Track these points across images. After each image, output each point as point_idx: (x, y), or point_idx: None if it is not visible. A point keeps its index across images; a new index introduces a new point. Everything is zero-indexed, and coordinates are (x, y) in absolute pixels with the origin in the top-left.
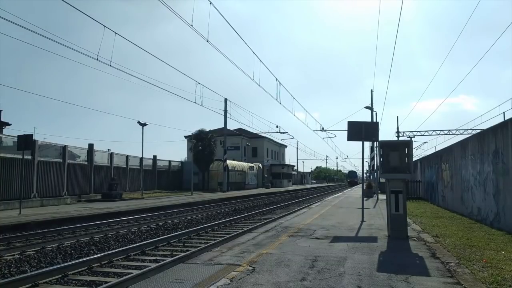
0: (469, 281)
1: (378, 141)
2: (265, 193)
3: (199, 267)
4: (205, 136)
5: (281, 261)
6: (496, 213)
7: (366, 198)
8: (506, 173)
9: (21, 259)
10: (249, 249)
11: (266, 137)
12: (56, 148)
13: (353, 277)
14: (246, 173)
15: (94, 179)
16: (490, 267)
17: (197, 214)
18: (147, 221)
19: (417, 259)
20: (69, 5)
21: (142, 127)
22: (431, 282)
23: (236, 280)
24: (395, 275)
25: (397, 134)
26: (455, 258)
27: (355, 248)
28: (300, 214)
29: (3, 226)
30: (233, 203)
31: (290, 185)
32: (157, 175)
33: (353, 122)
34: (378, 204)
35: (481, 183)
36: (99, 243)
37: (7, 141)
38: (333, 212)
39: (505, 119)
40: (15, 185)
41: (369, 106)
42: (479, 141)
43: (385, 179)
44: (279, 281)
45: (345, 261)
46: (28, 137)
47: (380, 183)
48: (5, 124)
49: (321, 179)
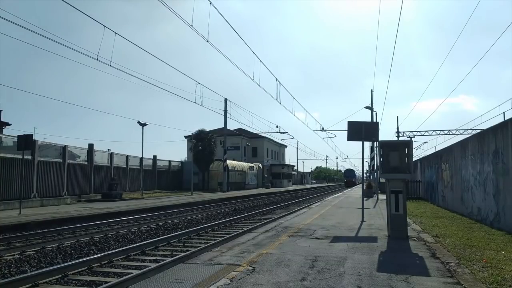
0: (469, 281)
1: (378, 141)
2: (265, 193)
3: (199, 267)
4: (205, 136)
5: (281, 261)
6: (496, 213)
7: (366, 198)
8: (506, 173)
9: (21, 259)
10: (249, 249)
11: (266, 137)
12: (56, 148)
13: (353, 277)
14: (246, 173)
15: (94, 179)
16: (490, 267)
17: (197, 214)
18: (147, 221)
19: (417, 259)
20: (69, 5)
21: (142, 127)
22: (431, 282)
23: (236, 280)
24: (395, 275)
25: (397, 134)
26: (455, 258)
27: (355, 248)
28: (300, 214)
29: (3, 226)
30: (233, 203)
31: (290, 185)
32: (157, 175)
33: (353, 122)
34: (378, 204)
35: (481, 183)
36: (99, 243)
37: (7, 141)
38: (333, 212)
39: (505, 119)
40: (15, 185)
41: (369, 106)
42: (479, 141)
43: (385, 179)
44: (279, 281)
45: (345, 261)
46: (28, 137)
47: (380, 183)
48: (5, 124)
49: (321, 179)
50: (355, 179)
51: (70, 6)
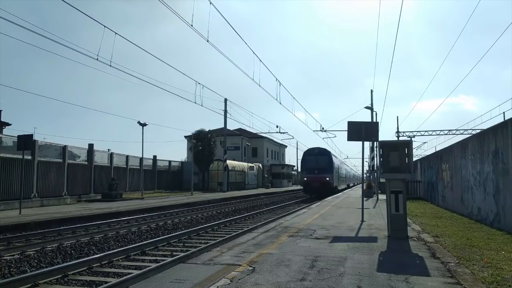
0: (469, 281)
1: (378, 141)
2: (265, 193)
3: (199, 267)
4: (205, 136)
5: (281, 261)
6: (496, 213)
7: (366, 198)
8: (506, 173)
9: (21, 259)
10: (249, 249)
11: (266, 137)
12: (56, 148)
13: (353, 277)
14: (246, 173)
15: (94, 179)
16: (490, 267)
17: (197, 214)
18: (147, 221)
19: (417, 259)
20: (69, 5)
21: (142, 127)
22: (431, 282)
23: (236, 280)
24: (395, 275)
25: (397, 134)
26: (455, 258)
27: (355, 248)
28: (300, 214)
29: (3, 226)
30: (233, 203)
31: (290, 185)
32: (157, 175)
33: (353, 122)
34: (378, 204)
35: (481, 183)
36: (99, 243)
37: (7, 141)
38: (333, 212)
39: (505, 119)
40: (15, 185)
41: (369, 106)
42: (479, 141)
43: (385, 179)
44: (279, 281)
45: (345, 261)
46: (28, 137)
47: (380, 183)
48: (5, 124)
49: None
50: (333, 175)
51: (70, 6)
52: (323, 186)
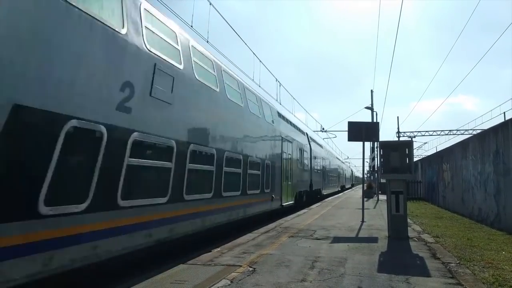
0: (470, 282)
1: (378, 142)
2: None
3: (199, 268)
4: None
5: (281, 262)
6: (496, 213)
7: (366, 198)
8: (507, 173)
9: None
10: (250, 249)
11: None
12: None
13: (354, 277)
14: None
15: None
16: (491, 267)
17: None
18: None
19: (418, 259)
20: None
21: None
22: (431, 282)
23: (236, 281)
24: (396, 275)
25: (397, 135)
26: (456, 259)
27: (355, 249)
28: (300, 215)
29: None
30: None
31: None
32: None
33: (353, 122)
34: (378, 204)
35: (481, 184)
36: None
37: None
38: (333, 212)
39: (505, 119)
40: None
41: (369, 106)
42: (479, 142)
43: (386, 180)
44: (280, 282)
45: (346, 261)
46: None
47: (380, 183)
48: None
49: None
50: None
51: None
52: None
